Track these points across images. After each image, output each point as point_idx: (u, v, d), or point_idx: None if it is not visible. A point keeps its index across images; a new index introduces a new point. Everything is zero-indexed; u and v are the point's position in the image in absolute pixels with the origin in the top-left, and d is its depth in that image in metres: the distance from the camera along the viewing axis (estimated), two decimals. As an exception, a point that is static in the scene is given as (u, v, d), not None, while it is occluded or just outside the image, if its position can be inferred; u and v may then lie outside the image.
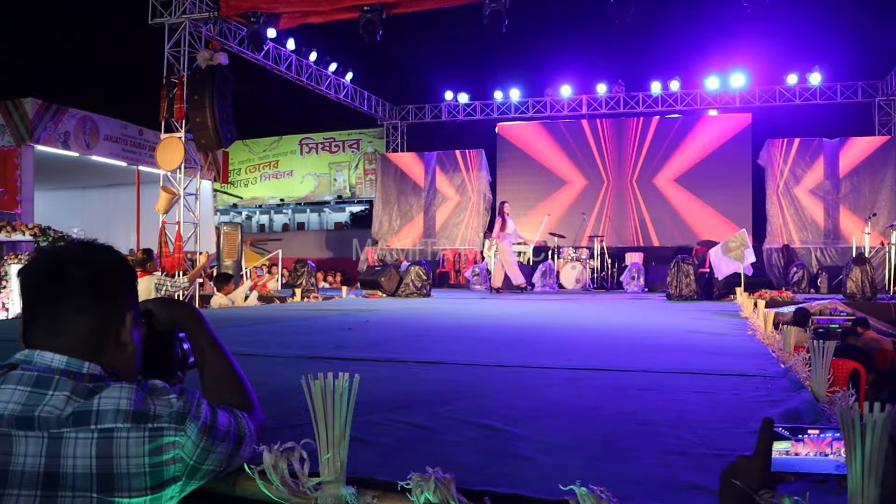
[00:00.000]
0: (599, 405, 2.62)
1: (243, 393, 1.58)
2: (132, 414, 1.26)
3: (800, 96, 18.55)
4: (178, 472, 1.30)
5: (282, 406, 2.38)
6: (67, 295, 1.35)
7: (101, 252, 1.44)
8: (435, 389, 2.95)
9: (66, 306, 1.35)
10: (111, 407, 1.26)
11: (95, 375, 1.32)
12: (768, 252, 17.08)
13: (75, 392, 1.27)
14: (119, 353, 1.40)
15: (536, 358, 4.02)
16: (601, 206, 19.24)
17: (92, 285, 1.37)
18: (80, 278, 1.36)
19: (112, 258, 1.45)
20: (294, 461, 1.42)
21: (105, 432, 1.24)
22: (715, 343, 4.80)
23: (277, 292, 12.70)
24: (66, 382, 1.28)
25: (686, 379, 3.22)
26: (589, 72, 20.11)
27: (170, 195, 13.42)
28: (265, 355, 4.12)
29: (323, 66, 18.51)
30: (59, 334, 1.34)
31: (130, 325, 1.43)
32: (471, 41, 22.23)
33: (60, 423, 1.24)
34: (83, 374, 1.31)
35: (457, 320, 7.21)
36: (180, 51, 13.54)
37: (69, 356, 1.32)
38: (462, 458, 1.82)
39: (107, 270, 1.41)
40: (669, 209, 18.85)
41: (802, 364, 3.11)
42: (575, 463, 1.79)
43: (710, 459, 1.78)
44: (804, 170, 17.43)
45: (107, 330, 1.38)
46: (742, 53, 18.89)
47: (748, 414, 2.39)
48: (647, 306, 9.67)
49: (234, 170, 27.66)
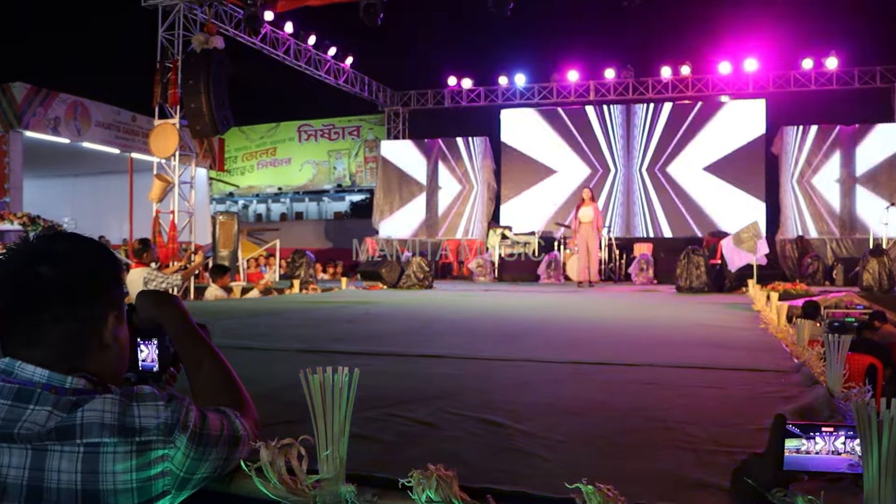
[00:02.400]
0: (606, 400, 2.62)
1: (234, 391, 1.55)
2: (118, 428, 1.23)
3: (816, 82, 18.47)
4: (167, 486, 1.27)
5: (279, 401, 2.38)
6: (41, 303, 1.28)
7: (77, 247, 1.36)
8: (437, 384, 2.95)
9: (41, 315, 1.28)
10: (96, 421, 1.22)
11: (79, 389, 1.28)
12: (782, 243, 17.04)
13: (57, 406, 1.24)
14: (104, 357, 1.36)
15: (542, 352, 4.02)
16: (609, 195, 19.21)
17: (68, 290, 1.30)
18: (54, 282, 1.29)
19: (90, 253, 1.37)
20: (292, 458, 1.41)
21: (91, 447, 1.21)
22: (726, 337, 4.80)
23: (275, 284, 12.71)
24: (48, 397, 1.25)
25: (696, 374, 3.22)
26: (596, 56, 20.05)
27: (164, 183, 13.43)
28: (262, 349, 4.13)
29: (322, 50, 18.49)
30: (38, 345, 1.29)
31: (114, 326, 1.38)
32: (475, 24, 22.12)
33: (42, 437, 1.21)
34: (66, 389, 1.27)
35: (460, 313, 7.21)
36: (175, 34, 13.53)
37: (51, 370, 1.27)
38: (465, 454, 1.82)
39: (84, 270, 1.33)
40: (679, 199, 18.82)
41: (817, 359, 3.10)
42: (581, 460, 1.79)
43: (721, 457, 1.78)
44: (820, 158, 17.38)
45: (88, 335, 1.33)
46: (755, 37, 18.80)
47: (760, 410, 2.38)
48: (656, 299, 9.66)
49: (231, 157, 27.64)
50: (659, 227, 18.93)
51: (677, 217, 18.79)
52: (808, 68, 18.36)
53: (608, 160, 19.35)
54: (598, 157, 19.40)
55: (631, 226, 19.04)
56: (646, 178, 19.11)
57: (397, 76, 22.14)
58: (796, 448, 1.19)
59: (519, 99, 20.69)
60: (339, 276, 17.51)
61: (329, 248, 23.67)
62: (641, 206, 19.12)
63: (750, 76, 18.75)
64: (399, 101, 22.16)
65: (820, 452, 1.18)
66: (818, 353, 3.16)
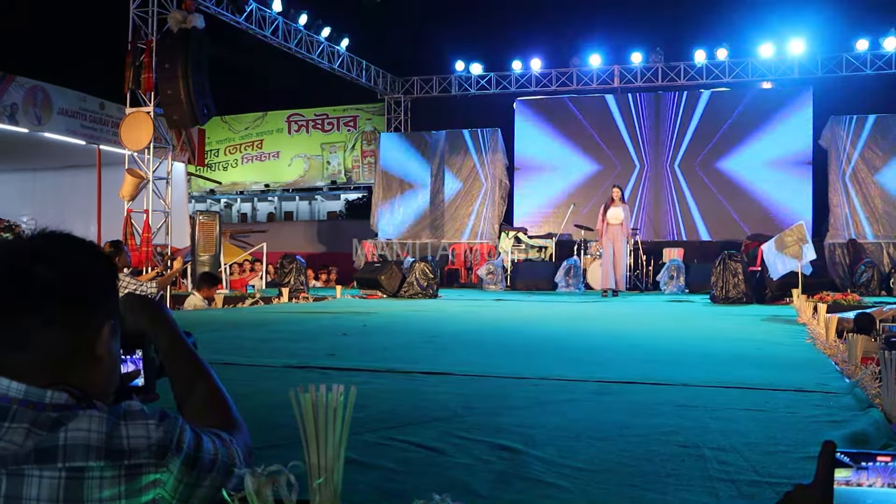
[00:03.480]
0: (632, 423, 2.62)
1: (226, 412, 1.55)
2: (105, 450, 1.22)
3: (871, 65, 18.43)
4: None
5: (266, 423, 2.39)
6: (33, 304, 1.27)
7: (75, 247, 1.36)
8: (443, 404, 2.95)
9: (32, 318, 1.27)
10: (81, 442, 1.21)
11: (59, 405, 1.26)
12: (831, 248, 17.00)
13: (36, 424, 1.23)
14: (94, 371, 1.35)
15: (560, 369, 4.03)
16: (635, 194, 19.20)
17: (64, 292, 1.30)
18: (50, 283, 1.29)
19: (89, 255, 1.37)
20: (281, 487, 1.41)
21: (75, 472, 1.20)
22: (767, 353, 4.80)
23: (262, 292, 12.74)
24: (26, 413, 1.24)
25: (734, 394, 3.22)
26: (622, 38, 20.07)
27: (136, 179, 13.47)
28: (247, 364, 4.14)
29: (315, 31, 18.53)
30: (21, 352, 1.28)
31: (108, 337, 1.37)
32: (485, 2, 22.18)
33: (19, 460, 1.20)
34: (45, 404, 1.26)
35: (468, 325, 7.22)
36: (148, 11, 13.56)
37: (29, 383, 1.26)
38: (474, 483, 1.83)
39: (83, 272, 1.34)
40: (714, 198, 18.79)
41: (871, 379, 3.10)
42: (603, 490, 1.80)
43: (762, 488, 1.78)
44: (875, 152, 17.32)
45: (80, 344, 1.32)
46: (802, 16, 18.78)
47: (806, 436, 2.38)
48: (689, 310, 9.66)
49: (212, 150, 27.74)
50: (695, 229, 18.90)
51: (712, 218, 18.76)
52: (863, 50, 18.31)
53: (633, 155, 19.35)
54: (622, 152, 19.41)
55: (660, 228, 19.02)
56: (679, 175, 19.09)
57: (398, 61, 22.21)
58: (847, 480, 1.18)
59: (534, 86, 20.70)
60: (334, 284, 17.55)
61: (322, 253, 23.72)
62: (672, 206, 19.11)
63: (795, 60, 18.73)
64: (400, 89, 22.20)
65: (874, 485, 1.18)
66: (872, 372, 3.16)
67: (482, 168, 19.80)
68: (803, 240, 10.51)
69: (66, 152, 17.68)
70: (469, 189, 19.88)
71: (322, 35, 18.75)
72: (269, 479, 1.42)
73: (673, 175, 19.14)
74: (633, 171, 19.32)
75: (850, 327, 6.32)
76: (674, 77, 19.71)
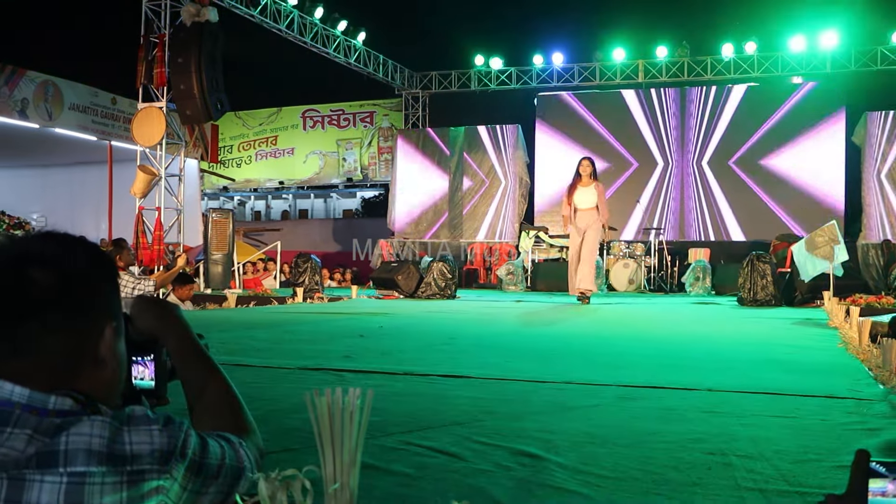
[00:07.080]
0: (658, 430, 2.62)
1: (238, 415, 1.55)
2: (106, 455, 1.22)
3: (908, 59, 18.25)
4: None
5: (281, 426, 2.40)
6: (33, 310, 1.27)
7: (74, 248, 1.36)
8: (462, 408, 2.96)
9: (32, 324, 1.28)
10: (82, 447, 1.22)
11: (63, 410, 1.27)
12: (864, 249, 16.85)
13: (39, 430, 1.23)
14: (98, 374, 1.35)
15: (583, 373, 4.01)
16: (660, 192, 19.12)
17: (64, 296, 1.30)
18: (49, 288, 1.28)
19: (89, 256, 1.37)
20: (295, 492, 1.42)
21: (76, 476, 1.20)
22: (797, 358, 4.76)
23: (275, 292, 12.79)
24: (28, 418, 1.24)
25: (762, 400, 3.20)
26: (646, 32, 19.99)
27: (148, 176, 13.54)
28: (261, 366, 4.16)
29: (330, 24, 18.58)
30: (22, 358, 1.28)
31: (112, 340, 1.37)
32: (506, -5, 22.18)
33: (20, 465, 1.20)
34: (48, 410, 1.26)
35: (488, 327, 7.22)
36: (161, 4, 13.64)
37: (32, 389, 1.26)
38: (493, 490, 1.82)
39: (83, 274, 1.34)
40: (742, 197, 18.67)
41: (906, 385, 3.07)
42: (626, 499, 1.79)
43: (792, 498, 1.77)
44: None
45: (82, 349, 1.32)
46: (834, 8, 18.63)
47: (838, 444, 2.37)
48: (715, 312, 9.61)
49: (225, 147, 27.87)
50: (723, 228, 18.77)
51: (739, 218, 18.62)
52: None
53: (656, 152, 19.25)
54: (645, 149, 19.31)
55: (686, 228, 18.92)
56: (703, 173, 18.98)
57: (417, 55, 22.27)
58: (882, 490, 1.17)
59: (556, 81, 20.66)
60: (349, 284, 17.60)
61: (337, 252, 23.77)
62: (698, 205, 19.00)
63: (827, 54, 18.58)
64: (418, 84, 22.21)
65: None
66: (907, 377, 3.13)
67: (502, 165, 19.79)
68: (835, 240, 10.43)
69: (77, 148, 17.84)
70: (488, 187, 19.87)
71: (338, 29, 18.79)
72: (284, 483, 1.42)
73: (697, 173, 19.03)
74: (659, 168, 19.23)
75: (885, 331, 6.26)
76: (700, 72, 19.60)
